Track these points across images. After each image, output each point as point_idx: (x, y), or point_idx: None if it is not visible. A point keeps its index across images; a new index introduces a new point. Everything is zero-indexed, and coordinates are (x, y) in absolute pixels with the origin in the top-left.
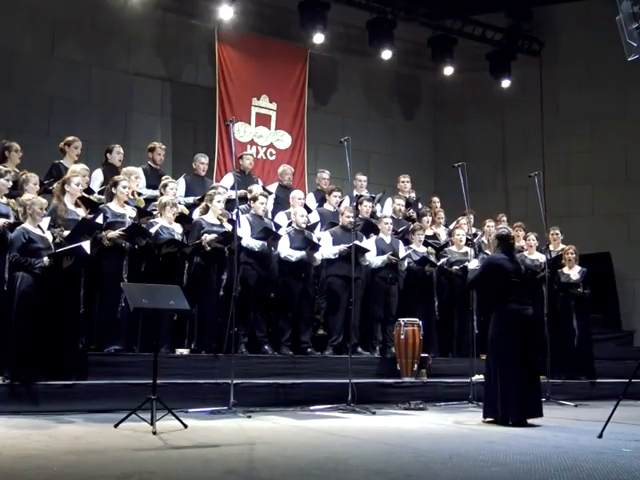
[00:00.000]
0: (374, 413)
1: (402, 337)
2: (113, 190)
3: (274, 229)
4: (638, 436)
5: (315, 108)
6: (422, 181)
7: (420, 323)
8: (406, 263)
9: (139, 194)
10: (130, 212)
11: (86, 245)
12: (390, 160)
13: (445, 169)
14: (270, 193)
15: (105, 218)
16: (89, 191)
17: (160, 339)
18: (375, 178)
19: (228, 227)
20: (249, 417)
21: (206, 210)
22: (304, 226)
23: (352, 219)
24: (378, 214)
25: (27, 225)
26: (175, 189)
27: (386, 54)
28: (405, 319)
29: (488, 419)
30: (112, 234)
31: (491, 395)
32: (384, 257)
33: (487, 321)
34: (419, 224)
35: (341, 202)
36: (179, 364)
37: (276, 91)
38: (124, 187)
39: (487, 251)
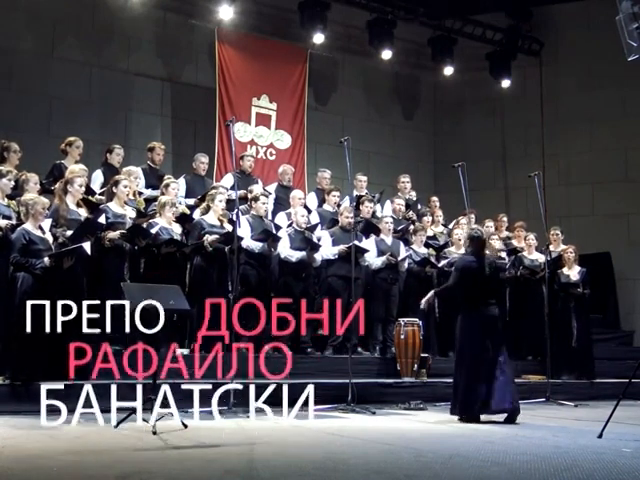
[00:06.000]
0: (374, 413)
1: (402, 337)
2: (114, 189)
3: (274, 230)
4: (638, 436)
5: (315, 108)
6: (422, 181)
7: (420, 323)
8: (406, 264)
9: (139, 194)
10: (130, 212)
11: (87, 245)
12: (390, 160)
13: (445, 169)
14: (270, 193)
15: (106, 218)
16: (90, 192)
17: (160, 339)
18: (375, 178)
19: (229, 228)
20: (249, 417)
21: (207, 210)
22: (305, 226)
23: (351, 220)
24: (378, 214)
25: (27, 226)
26: (177, 189)
27: (386, 54)
28: (405, 319)
29: (453, 417)
30: (112, 235)
31: (460, 394)
32: (383, 258)
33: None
34: (420, 225)
35: (340, 202)
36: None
37: (276, 91)
38: (125, 186)
39: (486, 251)
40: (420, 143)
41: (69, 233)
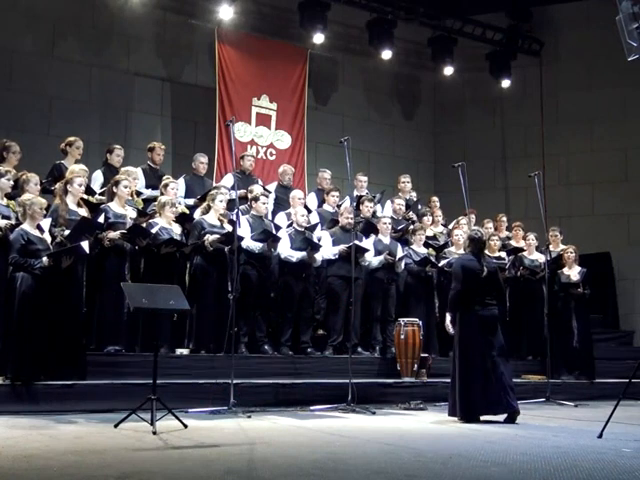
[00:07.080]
0: (374, 413)
1: (402, 337)
2: (114, 189)
3: (274, 230)
4: (638, 436)
5: (315, 108)
6: (422, 181)
7: (420, 323)
8: (403, 264)
9: (138, 194)
10: (131, 213)
11: (85, 245)
12: (390, 160)
13: (445, 169)
14: (270, 192)
15: (106, 218)
16: (90, 192)
17: (160, 339)
18: (375, 178)
19: (229, 228)
20: (249, 417)
21: (207, 210)
22: (305, 225)
23: (351, 220)
24: (378, 214)
25: (26, 226)
26: (176, 189)
27: (386, 54)
28: (405, 319)
29: (452, 418)
30: (112, 235)
31: (457, 394)
32: (381, 257)
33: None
34: (420, 224)
35: (340, 202)
36: (179, 364)
37: (276, 91)
38: (125, 186)
39: (486, 251)
40: (420, 143)
41: (67, 233)
